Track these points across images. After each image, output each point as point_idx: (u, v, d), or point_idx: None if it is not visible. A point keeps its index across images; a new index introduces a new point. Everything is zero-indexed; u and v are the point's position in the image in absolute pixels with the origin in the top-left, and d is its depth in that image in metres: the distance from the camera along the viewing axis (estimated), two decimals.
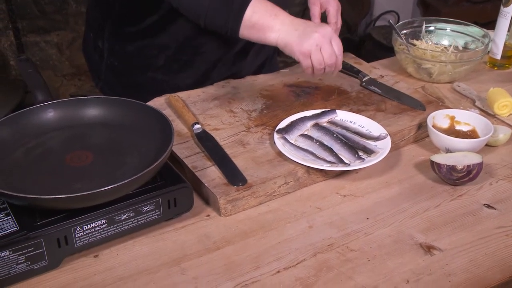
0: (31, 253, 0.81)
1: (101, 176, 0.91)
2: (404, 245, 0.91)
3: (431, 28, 1.51)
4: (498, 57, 1.46)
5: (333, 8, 1.23)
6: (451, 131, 1.16)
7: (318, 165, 1.03)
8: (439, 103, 1.27)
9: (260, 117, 1.19)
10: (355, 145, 1.09)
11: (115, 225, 0.87)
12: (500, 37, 1.44)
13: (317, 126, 1.13)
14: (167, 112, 1.19)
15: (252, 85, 1.32)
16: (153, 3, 1.22)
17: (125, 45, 1.31)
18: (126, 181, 0.84)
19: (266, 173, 1.01)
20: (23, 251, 0.80)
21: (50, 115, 1.02)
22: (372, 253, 0.89)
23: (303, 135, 1.11)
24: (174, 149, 1.06)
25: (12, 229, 0.81)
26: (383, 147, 1.08)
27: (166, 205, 0.91)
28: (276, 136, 1.09)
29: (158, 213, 0.91)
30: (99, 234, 0.87)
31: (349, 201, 1.01)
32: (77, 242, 0.85)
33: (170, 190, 0.91)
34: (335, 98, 1.27)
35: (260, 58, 1.44)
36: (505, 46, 1.44)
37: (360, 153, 1.07)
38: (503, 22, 1.42)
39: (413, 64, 1.39)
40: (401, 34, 1.43)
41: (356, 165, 1.04)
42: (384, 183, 1.05)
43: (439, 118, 1.17)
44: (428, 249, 0.90)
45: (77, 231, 0.84)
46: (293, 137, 1.11)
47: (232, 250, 0.90)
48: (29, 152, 0.96)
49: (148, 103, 1.11)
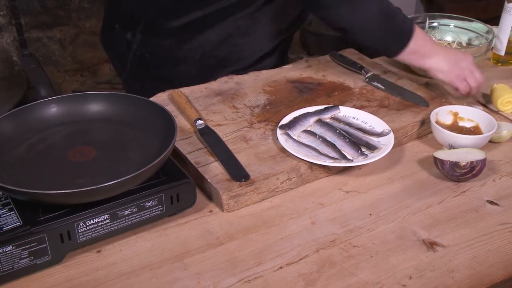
0: (34, 248, 0.81)
1: (104, 172, 0.91)
2: (407, 241, 0.91)
3: (435, 24, 1.50)
4: (502, 53, 1.46)
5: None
6: (455, 128, 1.15)
7: (321, 161, 1.02)
8: (442, 100, 1.26)
9: (263, 113, 1.19)
10: (358, 141, 1.09)
11: (118, 221, 0.87)
12: (504, 33, 1.43)
13: (320, 122, 1.13)
14: (170, 108, 1.19)
15: (255, 81, 1.32)
16: (201, 0, 1.25)
17: (162, 38, 1.31)
18: (129, 176, 0.84)
19: (269, 169, 1.01)
20: (26, 246, 0.81)
21: (53, 110, 1.02)
22: (375, 249, 0.89)
23: (306, 131, 1.11)
24: (177, 144, 1.06)
25: (15, 224, 0.82)
26: (386, 143, 1.08)
27: (169, 200, 0.91)
28: (279, 132, 1.09)
29: (161, 208, 0.91)
30: (102, 229, 0.87)
31: (352, 197, 1.01)
32: (80, 237, 0.85)
33: (173, 185, 0.91)
34: (338, 94, 1.27)
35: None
36: (509, 42, 1.44)
37: (363, 149, 1.07)
38: (508, 18, 1.41)
39: None
40: None
41: (359, 161, 1.04)
42: (387, 179, 1.05)
43: (442, 114, 1.16)
44: (431, 245, 0.90)
45: (80, 226, 0.84)
46: (296, 133, 1.11)
47: (234, 245, 0.90)
48: (32, 147, 0.96)
49: (151, 99, 1.11)
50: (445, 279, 0.84)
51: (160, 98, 1.23)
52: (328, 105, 1.18)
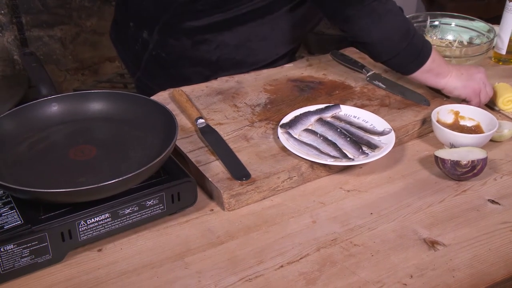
0: (35, 247, 0.81)
1: (105, 170, 0.91)
2: (408, 240, 0.91)
3: (436, 23, 1.50)
4: (503, 52, 1.46)
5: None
6: (456, 126, 1.15)
7: (322, 160, 1.02)
8: (444, 98, 1.26)
9: (264, 112, 1.19)
10: (359, 140, 1.09)
11: (119, 219, 0.87)
12: (505, 31, 1.43)
13: (321, 121, 1.13)
14: (171, 107, 1.19)
15: (256, 79, 1.32)
16: (223, 2, 1.25)
17: (181, 38, 1.31)
18: (130, 175, 0.84)
19: (270, 167, 1.01)
20: (27, 245, 0.81)
21: (54, 109, 1.02)
22: (375, 248, 0.89)
23: (307, 130, 1.11)
24: (177, 143, 1.06)
25: (16, 223, 0.82)
26: (387, 142, 1.08)
27: (170, 199, 0.91)
28: (280, 130, 1.09)
29: (162, 207, 0.91)
30: (103, 228, 0.87)
31: (353, 196, 1.01)
32: (81, 236, 0.85)
33: (174, 184, 0.91)
34: (339, 93, 1.27)
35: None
36: (510, 41, 1.43)
37: (364, 148, 1.07)
38: (509, 17, 1.41)
39: None
40: None
41: (360, 160, 1.04)
42: (388, 178, 1.05)
43: (443, 113, 1.16)
44: (432, 244, 0.90)
45: (81, 225, 0.84)
46: (297, 132, 1.11)
47: (235, 244, 0.90)
48: (33, 146, 0.96)
49: (152, 97, 1.11)
50: (446, 278, 0.84)
51: (161, 97, 1.23)
52: (329, 104, 1.18)
